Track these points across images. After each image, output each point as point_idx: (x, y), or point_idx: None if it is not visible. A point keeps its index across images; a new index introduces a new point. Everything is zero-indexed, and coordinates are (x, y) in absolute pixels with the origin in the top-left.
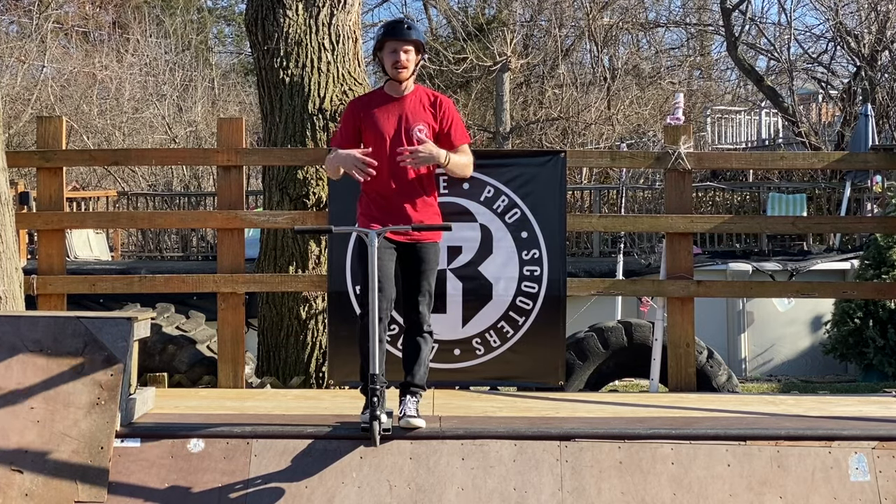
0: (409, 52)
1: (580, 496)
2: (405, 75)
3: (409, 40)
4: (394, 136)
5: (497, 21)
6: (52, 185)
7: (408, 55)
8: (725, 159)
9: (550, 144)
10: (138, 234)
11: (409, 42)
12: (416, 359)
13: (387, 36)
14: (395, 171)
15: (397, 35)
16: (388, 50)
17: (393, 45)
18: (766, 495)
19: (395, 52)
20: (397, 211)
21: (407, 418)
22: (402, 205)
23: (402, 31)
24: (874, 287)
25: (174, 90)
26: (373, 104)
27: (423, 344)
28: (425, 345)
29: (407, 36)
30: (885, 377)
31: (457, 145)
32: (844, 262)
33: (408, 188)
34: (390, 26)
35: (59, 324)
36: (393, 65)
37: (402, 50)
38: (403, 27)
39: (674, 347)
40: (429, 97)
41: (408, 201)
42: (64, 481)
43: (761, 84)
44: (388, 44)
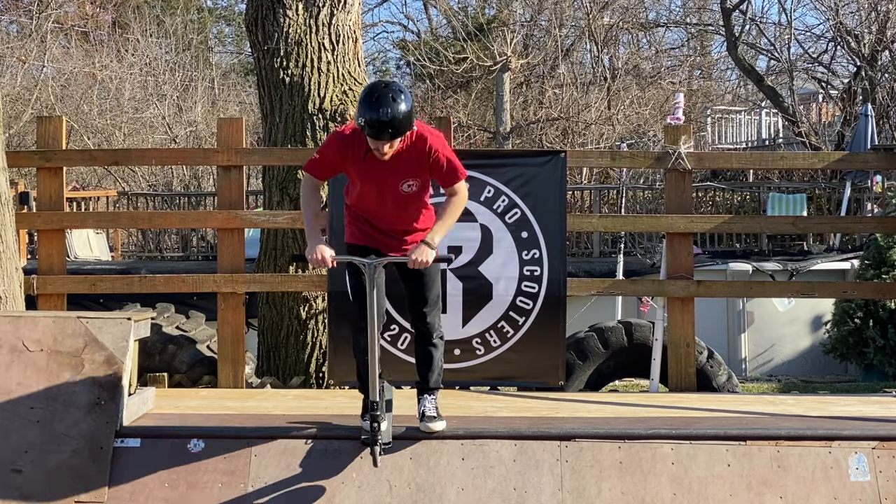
0: (395, 141)
1: (580, 496)
2: (388, 156)
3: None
4: (379, 188)
5: (497, 21)
6: (52, 185)
7: (392, 147)
8: (725, 159)
9: (550, 144)
10: (138, 234)
11: (392, 141)
12: (429, 366)
13: (366, 134)
14: (383, 211)
15: (381, 139)
16: (370, 140)
17: (375, 143)
18: (767, 495)
19: (378, 144)
20: (390, 233)
21: (426, 422)
22: (394, 228)
23: (385, 136)
24: (874, 287)
25: (174, 90)
26: (358, 153)
27: (434, 352)
28: (437, 351)
29: (392, 139)
30: (886, 377)
31: (447, 187)
32: (844, 262)
33: (400, 217)
34: (374, 127)
35: (59, 324)
36: (375, 149)
37: (385, 143)
38: (387, 131)
39: (674, 347)
40: (417, 144)
41: (402, 225)
42: (64, 481)
43: (761, 84)
44: (371, 139)
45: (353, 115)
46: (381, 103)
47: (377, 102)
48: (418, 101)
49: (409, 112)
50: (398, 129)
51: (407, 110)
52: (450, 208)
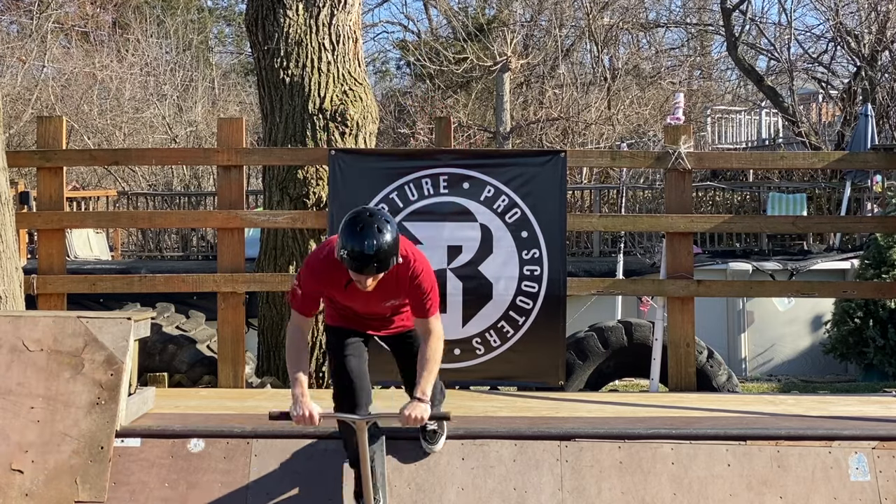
0: (379, 275)
1: (580, 496)
2: (372, 288)
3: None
4: (362, 307)
5: (497, 21)
6: (52, 184)
7: (376, 280)
8: (725, 159)
9: (550, 144)
10: (138, 233)
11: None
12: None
13: (348, 267)
14: (367, 318)
15: (365, 272)
16: (353, 273)
17: (358, 276)
18: (767, 495)
19: (360, 278)
20: (375, 317)
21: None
22: (377, 329)
23: (370, 269)
24: (874, 286)
25: (174, 90)
26: (339, 282)
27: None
28: (439, 401)
29: (377, 272)
30: (886, 377)
31: (419, 318)
32: (844, 262)
33: (385, 318)
34: (358, 260)
35: (59, 324)
36: (357, 281)
37: (369, 277)
38: (372, 265)
39: (674, 347)
40: (400, 267)
41: (384, 329)
42: (64, 481)
43: (761, 84)
44: (353, 273)
45: (352, 115)
46: (366, 234)
47: (361, 233)
48: (418, 101)
49: (395, 242)
50: (384, 263)
51: (393, 241)
52: (430, 353)
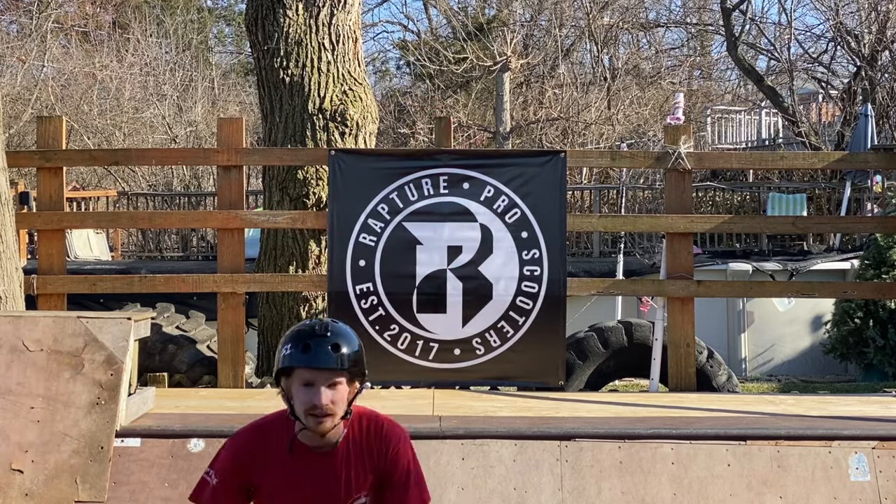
0: (339, 387)
1: (580, 496)
2: (329, 425)
3: (337, 371)
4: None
5: (497, 21)
6: (52, 184)
7: (335, 392)
8: (725, 159)
9: (550, 144)
10: (138, 234)
11: (336, 373)
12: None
13: (295, 361)
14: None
15: (315, 364)
16: (299, 382)
17: (308, 376)
18: (767, 495)
19: (311, 389)
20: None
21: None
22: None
23: (325, 357)
24: (874, 287)
25: (174, 90)
26: (279, 446)
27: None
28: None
29: (336, 367)
30: (886, 377)
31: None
32: (844, 262)
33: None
34: (300, 343)
35: (59, 324)
36: (308, 410)
37: (324, 385)
38: (326, 347)
39: (674, 347)
40: (372, 429)
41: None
42: (64, 481)
43: (761, 84)
44: (299, 372)
45: (352, 115)
46: (316, 322)
47: (310, 325)
48: (418, 101)
49: (360, 347)
50: (344, 349)
51: (357, 340)
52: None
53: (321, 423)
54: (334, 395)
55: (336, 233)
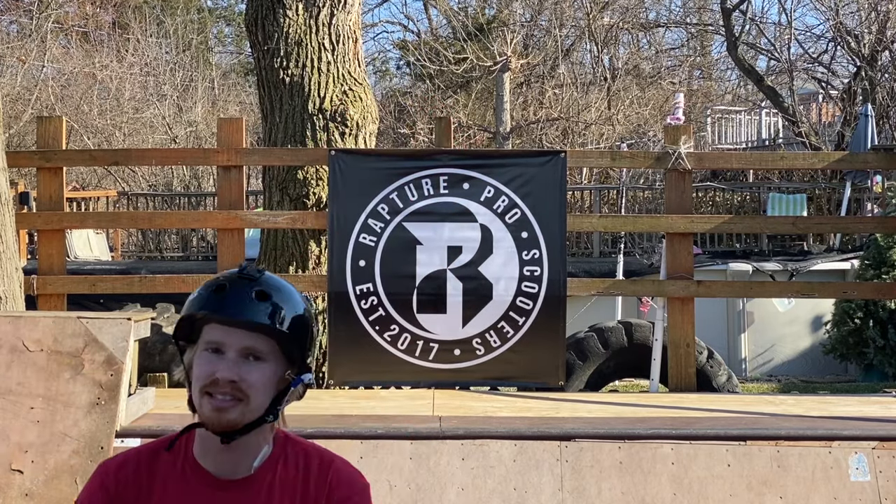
0: (260, 364)
1: (580, 496)
2: (233, 416)
3: (262, 331)
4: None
5: (497, 21)
6: (52, 185)
7: (253, 368)
8: (726, 159)
9: (550, 144)
10: (138, 234)
11: (259, 337)
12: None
13: (200, 306)
14: None
15: (228, 312)
16: (203, 346)
17: (216, 335)
18: (767, 495)
19: (217, 356)
20: None
21: None
22: None
23: (240, 306)
24: (874, 287)
25: (174, 90)
26: (161, 492)
27: None
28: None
29: (255, 318)
30: (886, 377)
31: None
32: (844, 263)
33: None
34: (213, 284)
35: (59, 324)
36: (205, 387)
37: (235, 352)
38: (248, 293)
39: (674, 347)
40: (308, 476)
41: None
42: (64, 481)
43: (761, 84)
44: (206, 331)
45: (352, 115)
46: (248, 267)
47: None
48: (418, 101)
49: (307, 320)
50: (280, 313)
51: (304, 309)
52: None
53: (221, 412)
54: (250, 372)
55: (336, 233)
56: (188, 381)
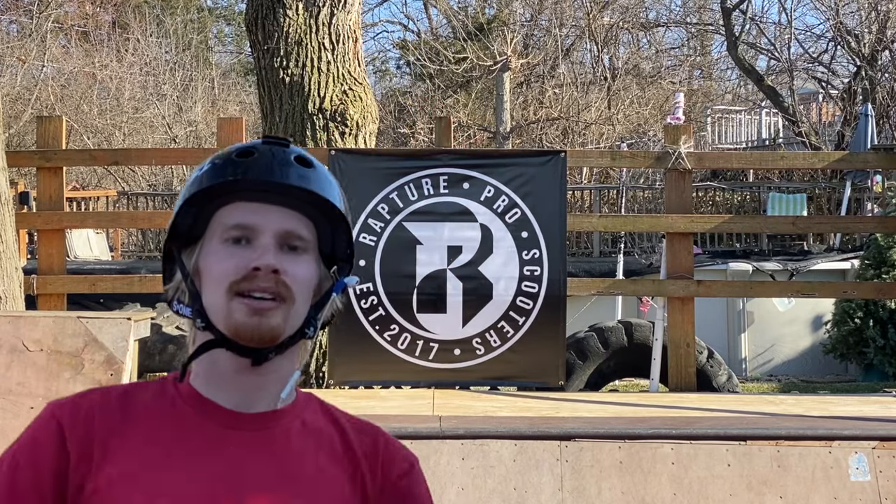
0: (303, 256)
1: (580, 496)
2: (275, 322)
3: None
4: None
5: (497, 21)
6: (52, 184)
7: (296, 261)
8: (726, 159)
9: (550, 144)
10: (138, 233)
11: (303, 217)
12: None
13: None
14: None
15: (265, 175)
16: (221, 234)
17: (244, 216)
18: (767, 495)
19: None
20: None
21: None
22: None
23: (280, 169)
24: (874, 287)
25: (174, 90)
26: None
27: None
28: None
29: (299, 183)
30: (886, 377)
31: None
32: (845, 262)
33: None
34: (236, 150)
35: (59, 323)
36: (238, 279)
37: (273, 236)
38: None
39: (674, 347)
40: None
41: None
42: None
43: (761, 84)
44: (225, 212)
45: (352, 114)
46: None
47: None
48: (418, 100)
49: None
50: (324, 180)
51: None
52: None
53: (262, 315)
54: (294, 264)
55: None
56: (191, 290)
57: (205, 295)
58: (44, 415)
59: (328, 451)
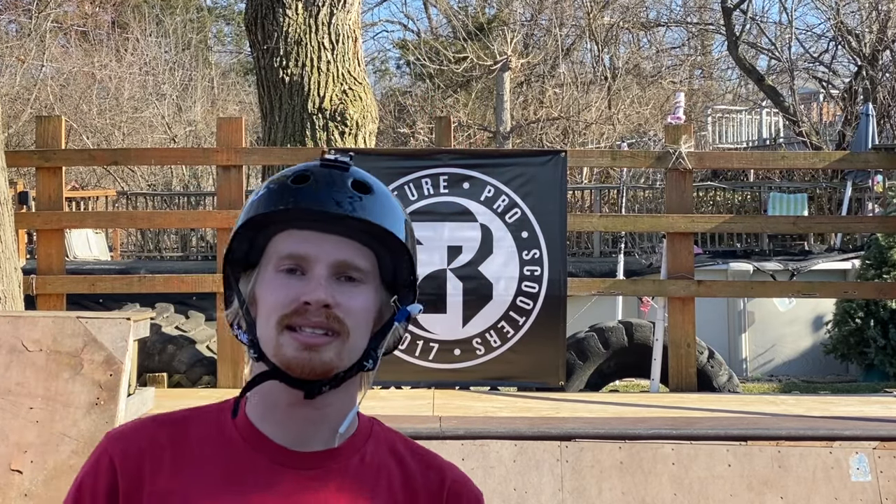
0: (360, 287)
1: (581, 496)
2: (328, 357)
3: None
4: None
5: (497, 20)
6: (51, 184)
7: (352, 293)
8: (726, 159)
9: (551, 144)
10: (138, 233)
11: (360, 245)
12: None
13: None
14: None
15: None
16: (275, 264)
17: (296, 246)
18: (767, 495)
19: (298, 278)
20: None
21: None
22: None
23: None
24: (875, 287)
25: (174, 90)
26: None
27: None
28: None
29: (354, 212)
30: (886, 377)
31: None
32: (845, 262)
33: None
34: (292, 174)
35: (59, 324)
36: (289, 313)
37: (327, 267)
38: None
39: (674, 347)
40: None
41: None
42: (63, 481)
43: (762, 83)
44: (278, 241)
45: (352, 114)
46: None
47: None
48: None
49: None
50: (386, 207)
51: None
52: None
53: (313, 350)
54: (348, 295)
55: None
56: (247, 319)
57: (258, 325)
58: (98, 448)
59: (386, 492)
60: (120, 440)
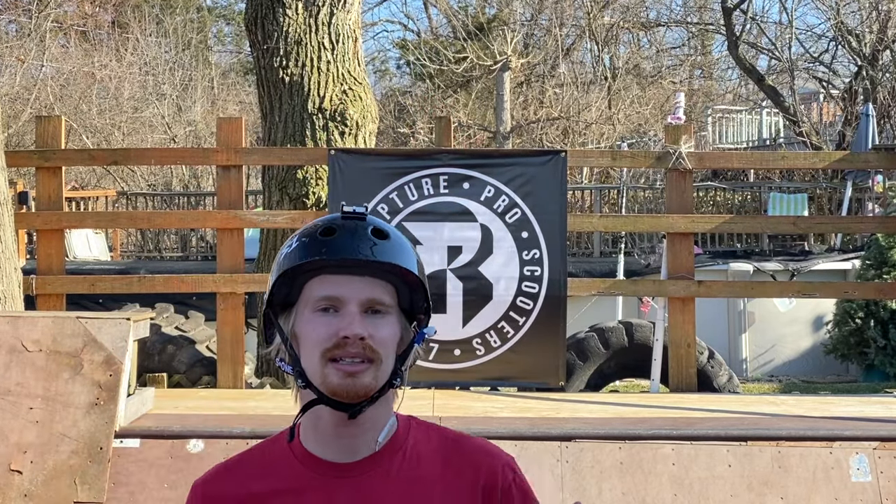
0: (386, 317)
1: (581, 496)
2: (367, 381)
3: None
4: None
5: (497, 20)
6: (51, 184)
7: (379, 323)
8: (726, 159)
9: (551, 144)
10: (137, 234)
11: (382, 284)
12: None
13: (306, 255)
14: None
15: (346, 253)
16: (313, 305)
17: (330, 289)
18: (767, 496)
19: (333, 315)
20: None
21: None
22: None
23: (357, 245)
24: (875, 287)
25: (174, 90)
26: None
27: None
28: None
29: (376, 257)
30: (887, 377)
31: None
32: (846, 262)
33: None
34: (319, 227)
35: (58, 324)
36: (329, 349)
37: (358, 304)
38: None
39: (675, 348)
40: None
41: None
42: (63, 482)
43: (762, 83)
44: (313, 284)
45: (352, 114)
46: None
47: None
48: (418, 100)
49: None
50: (401, 249)
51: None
52: None
53: (355, 377)
54: (377, 327)
55: None
56: (291, 353)
57: (303, 358)
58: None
59: (428, 478)
60: (202, 485)
